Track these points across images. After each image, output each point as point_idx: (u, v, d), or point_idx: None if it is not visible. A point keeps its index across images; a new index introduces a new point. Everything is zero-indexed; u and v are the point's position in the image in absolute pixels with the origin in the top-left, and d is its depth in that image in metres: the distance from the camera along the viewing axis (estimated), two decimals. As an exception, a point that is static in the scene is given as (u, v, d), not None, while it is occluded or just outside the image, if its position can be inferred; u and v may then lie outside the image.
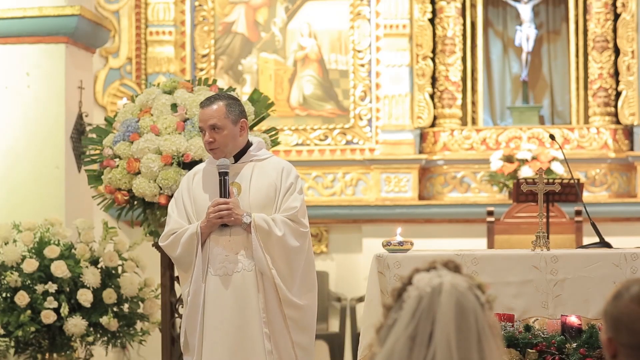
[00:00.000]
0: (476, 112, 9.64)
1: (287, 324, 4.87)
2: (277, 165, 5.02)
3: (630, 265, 5.01)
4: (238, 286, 4.85)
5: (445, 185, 9.40)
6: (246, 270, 4.85)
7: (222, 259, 4.87)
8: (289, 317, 4.87)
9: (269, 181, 4.96)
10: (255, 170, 4.98)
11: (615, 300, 2.45)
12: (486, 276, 4.95)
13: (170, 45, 9.64)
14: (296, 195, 4.95)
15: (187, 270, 4.94)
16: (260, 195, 4.93)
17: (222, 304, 4.85)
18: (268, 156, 5.07)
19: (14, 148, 7.83)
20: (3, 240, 6.96)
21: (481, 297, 2.31)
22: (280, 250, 4.86)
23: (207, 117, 4.94)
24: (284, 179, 4.97)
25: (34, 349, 6.93)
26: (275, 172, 4.98)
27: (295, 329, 4.90)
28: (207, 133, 4.92)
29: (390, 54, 9.49)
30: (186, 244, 4.90)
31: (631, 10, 9.30)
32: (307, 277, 4.98)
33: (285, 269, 4.88)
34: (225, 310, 4.85)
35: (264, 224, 4.84)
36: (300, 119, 9.68)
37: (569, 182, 6.93)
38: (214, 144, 4.92)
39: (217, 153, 4.94)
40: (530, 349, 4.85)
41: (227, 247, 4.88)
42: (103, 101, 9.53)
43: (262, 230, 4.83)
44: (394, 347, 2.28)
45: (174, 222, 4.98)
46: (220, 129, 4.92)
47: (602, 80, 9.36)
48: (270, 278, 4.84)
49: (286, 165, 5.04)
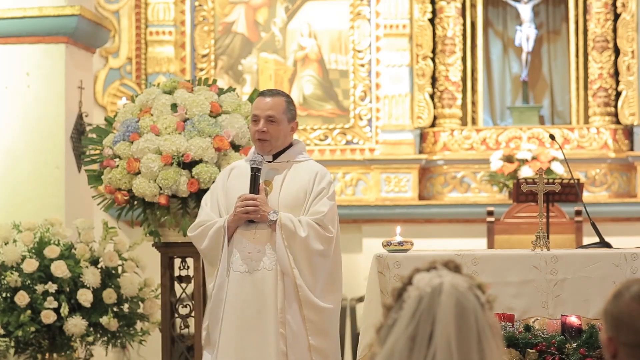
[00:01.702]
0: (476, 112, 9.63)
1: (306, 326, 4.83)
2: (311, 169, 5.00)
3: (630, 265, 5.01)
4: (258, 284, 4.83)
5: (445, 185, 9.39)
6: (267, 269, 4.83)
7: (245, 256, 4.85)
8: (308, 319, 4.83)
9: (300, 184, 4.94)
10: (290, 172, 4.97)
11: (615, 299, 2.45)
12: (486, 276, 4.95)
13: (170, 45, 9.63)
14: (325, 201, 4.92)
15: (213, 264, 4.92)
16: (290, 196, 4.92)
17: (242, 300, 4.83)
18: (306, 159, 5.05)
19: (14, 148, 7.83)
20: (3, 240, 6.96)
21: (481, 297, 2.31)
22: (303, 251, 4.84)
23: (267, 106, 4.91)
24: (316, 183, 4.95)
25: (34, 349, 6.93)
26: (308, 175, 4.96)
27: (314, 332, 4.85)
28: (261, 122, 4.89)
29: (390, 54, 9.49)
30: (213, 237, 4.89)
31: (631, 10, 9.30)
32: (330, 281, 4.92)
33: (307, 270, 4.84)
34: (244, 307, 4.83)
35: (289, 223, 4.82)
36: (300, 119, 9.66)
37: (569, 182, 6.93)
38: (266, 134, 4.89)
39: (265, 145, 4.92)
40: (530, 349, 4.85)
41: (251, 244, 4.86)
42: (103, 101, 9.53)
43: (287, 230, 4.82)
44: (394, 347, 2.28)
45: (205, 214, 4.97)
46: (275, 122, 4.90)
47: (602, 80, 9.36)
48: (291, 278, 4.81)
49: (320, 170, 5.01)
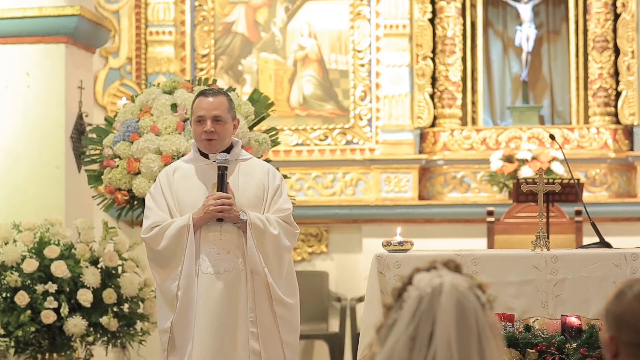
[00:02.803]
0: (476, 112, 9.63)
1: (278, 323, 4.85)
2: (262, 167, 5.04)
3: (630, 265, 5.01)
4: (227, 285, 4.81)
5: (445, 185, 9.39)
6: (237, 269, 4.82)
7: (213, 257, 4.81)
8: (279, 317, 4.85)
9: (255, 182, 4.96)
10: (241, 170, 4.97)
11: (617, 298, 2.45)
12: (486, 276, 4.95)
13: (170, 45, 9.63)
14: (286, 197, 4.98)
15: (168, 265, 4.82)
16: (249, 194, 4.92)
17: (212, 302, 4.79)
18: (249, 157, 5.08)
19: (14, 148, 7.82)
20: (3, 240, 6.96)
21: (482, 297, 2.31)
22: (274, 249, 4.86)
23: (212, 106, 4.90)
24: (271, 180, 4.98)
25: (34, 349, 6.93)
26: (261, 172, 4.99)
27: (285, 328, 4.87)
28: (208, 122, 4.88)
29: (390, 54, 9.49)
30: (174, 237, 4.80)
31: (631, 10, 9.30)
32: (292, 276, 4.98)
33: (276, 268, 4.87)
34: (214, 309, 4.79)
35: (259, 222, 4.83)
36: (300, 119, 9.67)
37: (569, 182, 6.93)
38: (214, 134, 4.89)
39: (214, 145, 4.90)
40: (530, 349, 4.85)
41: (217, 244, 4.83)
42: (103, 101, 9.53)
43: (257, 229, 4.82)
44: (394, 347, 2.28)
45: (157, 215, 4.87)
46: (222, 122, 4.89)
47: (602, 80, 9.36)
48: (262, 277, 4.82)
49: (270, 167, 5.08)
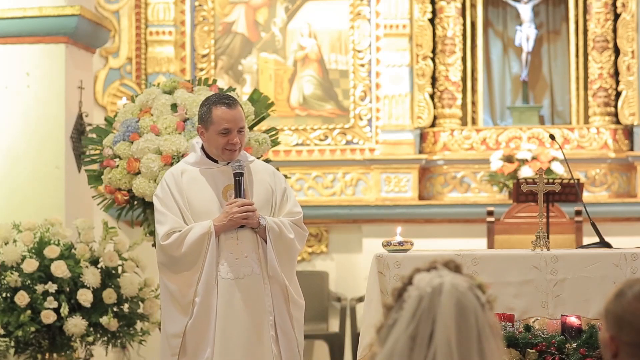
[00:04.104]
0: (476, 112, 9.63)
1: (293, 324, 4.87)
2: (266, 168, 5.03)
3: (630, 265, 5.01)
4: (248, 289, 4.79)
5: (445, 185, 9.39)
6: (255, 274, 4.81)
7: (232, 262, 4.79)
8: (295, 318, 4.87)
9: (263, 183, 4.95)
10: (250, 173, 4.95)
11: (618, 298, 2.45)
12: (486, 276, 4.95)
13: (170, 45, 9.63)
14: (294, 200, 4.98)
15: (185, 271, 4.78)
16: (260, 197, 4.91)
17: (234, 307, 4.78)
18: (253, 159, 5.05)
19: (14, 148, 7.82)
20: (3, 240, 6.96)
21: (482, 297, 2.31)
22: (289, 252, 4.87)
23: (238, 119, 4.82)
24: (278, 182, 4.98)
25: (34, 349, 6.93)
26: (267, 175, 4.98)
27: (299, 329, 4.90)
28: (235, 134, 4.81)
29: (390, 54, 9.49)
30: (195, 244, 4.75)
31: (631, 10, 9.30)
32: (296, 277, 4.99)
33: (290, 270, 4.89)
34: (236, 314, 4.77)
35: (276, 227, 4.83)
36: (300, 119, 9.67)
37: (569, 182, 6.93)
38: (238, 144, 4.84)
39: (236, 155, 4.87)
40: (530, 349, 4.85)
41: (235, 249, 4.80)
42: (103, 101, 9.53)
43: (274, 233, 4.82)
44: (394, 347, 2.28)
45: (173, 221, 4.80)
46: (243, 132, 4.86)
47: (602, 80, 9.36)
48: (280, 280, 4.82)
49: (274, 169, 5.08)
